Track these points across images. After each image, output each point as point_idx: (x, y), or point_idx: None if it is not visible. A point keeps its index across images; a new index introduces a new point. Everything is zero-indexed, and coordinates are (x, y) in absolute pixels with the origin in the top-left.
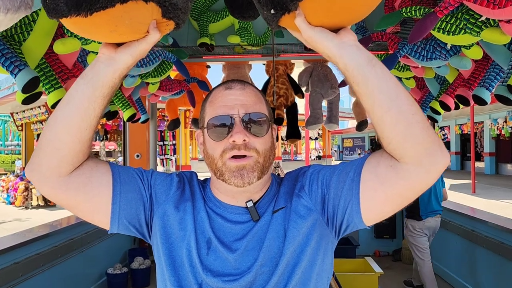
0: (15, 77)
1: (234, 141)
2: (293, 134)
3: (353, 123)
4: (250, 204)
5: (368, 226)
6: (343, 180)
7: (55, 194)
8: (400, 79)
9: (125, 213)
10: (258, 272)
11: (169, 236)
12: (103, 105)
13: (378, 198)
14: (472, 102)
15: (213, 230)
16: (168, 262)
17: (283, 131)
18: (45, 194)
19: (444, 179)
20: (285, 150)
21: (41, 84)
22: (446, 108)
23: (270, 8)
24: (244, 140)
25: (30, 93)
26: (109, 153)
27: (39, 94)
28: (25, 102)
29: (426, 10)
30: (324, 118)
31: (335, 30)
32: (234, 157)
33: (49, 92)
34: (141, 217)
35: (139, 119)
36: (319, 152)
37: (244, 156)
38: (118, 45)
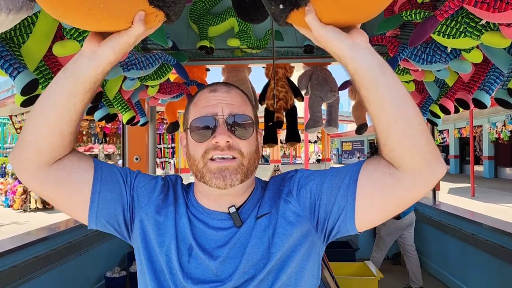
0: (14, 79)
1: (217, 142)
2: (293, 137)
3: (352, 127)
4: (232, 210)
5: (359, 232)
6: (337, 186)
7: (33, 184)
8: None
9: (103, 213)
10: (240, 280)
11: (149, 241)
12: (84, 101)
13: (374, 205)
14: (472, 106)
15: (194, 236)
16: (149, 267)
17: (282, 134)
18: (25, 183)
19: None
20: (284, 153)
21: (40, 87)
22: (446, 111)
23: (279, 3)
24: (228, 141)
25: (29, 95)
26: (108, 156)
27: (38, 96)
28: (24, 104)
29: (426, 13)
30: (324, 122)
31: (346, 29)
32: (215, 159)
33: None
34: (119, 218)
35: (138, 122)
36: (318, 156)
37: (228, 158)
38: (104, 39)
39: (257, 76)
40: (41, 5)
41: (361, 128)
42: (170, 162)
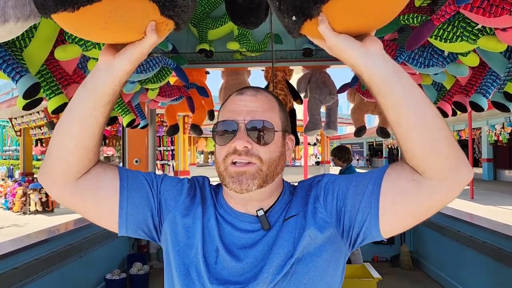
0: (16, 83)
1: (235, 147)
2: None
3: (351, 129)
4: (261, 213)
5: (385, 239)
6: (361, 193)
7: (63, 198)
8: None
9: (133, 219)
10: (265, 281)
11: (178, 244)
12: (105, 113)
13: (397, 212)
14: (469, 109)
15: (222, 238)
16: (178, 269)
17: None
18: (54, 198)
19: None
20: None
21: (41, 90)
22: (444, 114)
23: (291, 15)
24: (246, 146)
25: (31, 98)
26: (107, 158)
27: (40, 100)
28: (26, 107)
29: (424, 17)
30: (323, 124)
31: (359, 36)
32: (235, 163)
33: (49, 98)
34: (149, 222)
35: (138, 124)
36: (318, 158)
37: (247, 163)
38: (118, 51)
39: (257, 79)
40: (58, 22)
41: (360, 130)
42: (169, 165)
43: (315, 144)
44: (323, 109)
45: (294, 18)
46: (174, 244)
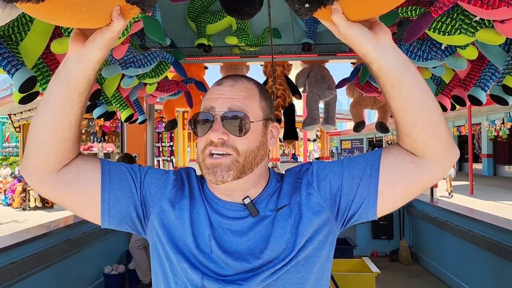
0: (12, 76)
1: (211, 138)
2: (291, 135)
3: (351, 125)
4: (247, 201)
5: (377, 218)
6: (358, 176)
7: (45, 190)
8: None
9: (115, 211)
10: (266, 272)
11: (165, 237)
12: (80, 103)
13: (397, 192)
14: (468, 103)
15: (212, 227)
16: (168, 262)
17: (280, 132)
18: (36, 190)
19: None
20: (284, 152)
21: (38, 84)
22: (442, 108)
23: (304, 2)
24: (221, 138)
25: (27, 92)
26: (107, 155)
27: (36, 93)
28: (22, 101)
29: (422, 10)
30: (321, 119)
31: (367, 21)
32: (212, 154)
33: None
34: (132, 215)
35: (136, 119)
36: (317, 153)
37: (223, 155)
38: (87, 36)
39: (256, 74)
40: (22, 8)
41: (359, 125)
42: (169, 161)
43: (314, 140)
44: (321, 104)
45: (307, 5)
46: (163, 236)
